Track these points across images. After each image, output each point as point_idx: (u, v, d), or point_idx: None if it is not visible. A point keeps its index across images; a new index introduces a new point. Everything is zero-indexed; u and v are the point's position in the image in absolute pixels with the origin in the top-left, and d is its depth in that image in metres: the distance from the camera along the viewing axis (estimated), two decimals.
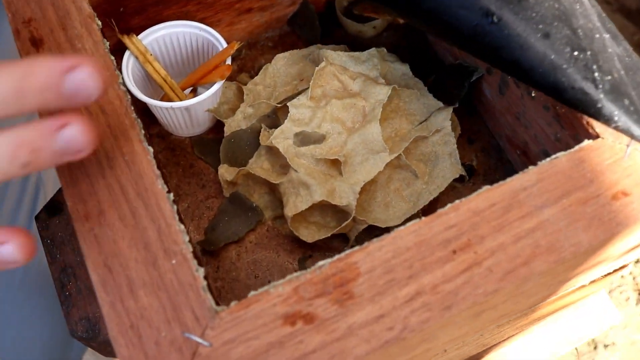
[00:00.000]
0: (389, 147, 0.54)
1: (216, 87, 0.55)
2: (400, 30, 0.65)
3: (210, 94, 0.54)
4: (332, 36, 0.65)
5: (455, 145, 0.55)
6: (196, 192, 0.58)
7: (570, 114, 0.48)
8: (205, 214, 0.57)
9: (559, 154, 0.44)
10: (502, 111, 0.57)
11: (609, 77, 0.45)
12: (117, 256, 0.42)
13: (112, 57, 0.49)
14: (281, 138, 0.54)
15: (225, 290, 0.54)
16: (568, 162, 0.44)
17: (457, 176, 0.55)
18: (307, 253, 0.55)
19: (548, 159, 0.44)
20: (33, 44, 0.50)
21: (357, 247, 0.41)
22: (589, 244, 0.42)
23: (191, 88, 0.58)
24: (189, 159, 0.59)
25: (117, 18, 0.56)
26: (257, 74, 0.62)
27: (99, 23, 0.50)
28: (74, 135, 0.36)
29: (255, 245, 0.55)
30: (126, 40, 0.55)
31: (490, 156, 0.59)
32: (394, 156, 0.53)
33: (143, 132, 0.46)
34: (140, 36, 0.56)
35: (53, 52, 0.49)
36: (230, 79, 0.63)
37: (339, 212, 0.54)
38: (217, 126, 0.60)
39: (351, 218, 0.52)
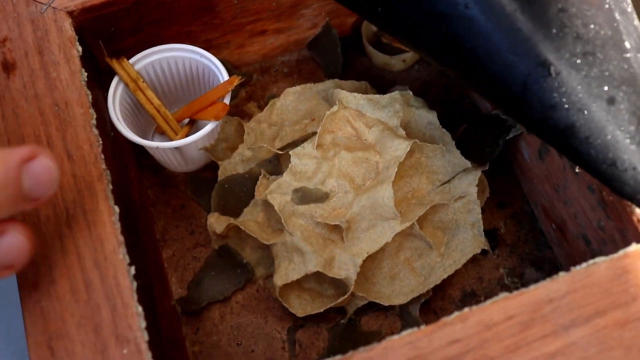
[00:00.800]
0: (403, 210, 0.47)
1: (209, 127, 0.48)
2: (434, 65, 0.57)
3: (202, 135, 0.47)
4: (356, 66, 0.58)
5: (480, 215, 0.47)
6: (184, 238, 0.51)
7: (618, 204, 0.40)
8: (191, 264, 0.50)
9: (597, 260, 0.37)
10: (541, 178, 0.48)
11: None
12: (63, 338, 0.36)
13: (88, 92, 0.43)
14: (278, 193, 0.47)
15: (203, 356, 0.48)
16: (608, 271, 0.36)
17: (479, 251, 0.47)
18: (299, 322, 0.48)
19: (584, 265, 0.37)
20: (4, 68, 0.44)
21: (338, 357, 0.35)
22: None
23: (188, 119, 0.52)
24: (181, 198, 0.53)
25: (108, 38, 0.50)
26: (266, 105, 0.55)
27: (79, 49, 0.44)
28: (9, 247, 0.32)
29: (242, 307, 0.49)
30: (115, 64, 0.49)
31: (521, 224, 0.51)
32: (405, 226, 0.45)
33: (111, 187, 0.40)
34: (132, 60, 0.50)
35: (24, 80, 0.43)
36: (237, 107, 0.56)
37: (339, 280, 0.47)
38: (215, 163, 0.53)
39: (349, 294, 0.45)
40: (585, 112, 0.37)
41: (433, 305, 0.48)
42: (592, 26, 0.38)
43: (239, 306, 0.49)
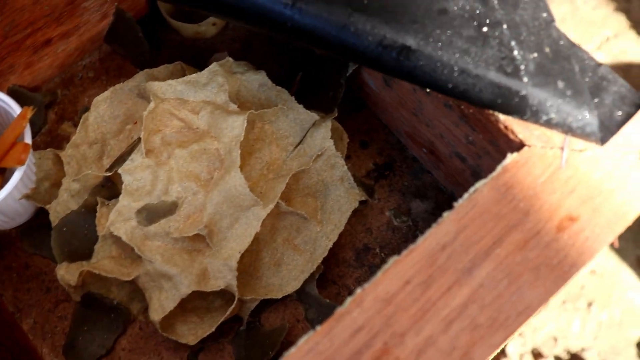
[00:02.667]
0: (263, 190, 0.42)
1: (18, 174, 0.41)
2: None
3: (12, 186, 0.40)
4: (166, 44, 0.51)
5: (346, 167, 0.43)
6: (40, 300, 0.44)
7: (480, 115, 0.36)
8: (59, 326, 0.44)
9: (477, 185, 0.33)
10: (395, 105, 0.44)
11: (535, 55, 0.33)
12: None
13: None
14: (120, 222, 0.41)
15: None
16: (492, 193, 0.33)
17: (357, 205, 0.43)
18: (196, 346, 0.43)
19: (465, 196, 0.33)
20: None
21: None
22: (540, 302, 0.32)
23: None
24: (22, 256, 0.46)
25: None
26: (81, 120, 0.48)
27: None
28: None
29: (130, 353, 0.43)
30: None
31: (392, 158, 0.47)
32: (270, 207, 0.40)
33: None
34: None
35: None
36: (50, 134, 0.49)
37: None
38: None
39: (236, 301, 0.40)
40: (417, 25, 0.33)
41: (329, 274, 0.44)
42: None
43: (126, 352, 0.43)
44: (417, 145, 0.45)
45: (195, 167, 0.41)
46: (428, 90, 0.39)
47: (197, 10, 0.49)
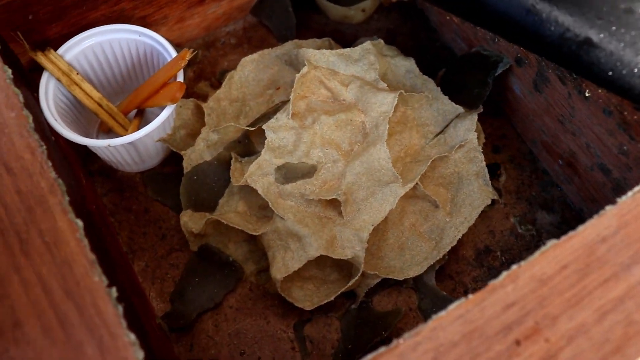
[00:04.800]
0: (400, 170, 0.42)
1: (165, 113, 0.41)
2: (394, 11, 0.52)
3: (158, 124, 0.41)
4: (310, 25, 0.52)
5: (484, 163, 0.43)
6: (155, 245, 0.45)
7: None
8: (170, 273, 0.44)
9: None
10: (538, 112, 0.44)
11: None
12: None
13: (17, 91, 0.35)
14: (258, 175, 0.41)
15: None
16: None
17: (489, 202, 0.43)
18: (305, 316, 0.43)
19: (630, 193, 0.32)
20: None
21: (382, 349, 0.29)
22: None
23: (136, 110, 0.45)
24: (143, 201, 0.46)
25: (27, 28, 0.42)
26: (219, 82, 0.49)
27: None
28: None
29: (237, 311, 0.43)
30: (41, 58, 0.42)
31: (522, 167, 0.47)
32: (409, 187, 0.40)
33: (67, 198, 0.33)
34: (60, 50, 0.43)
35: None
36: (187, 90, 0.49)
37: (342, 260, 0.41)
38: (175, 155, 0.46)
39: (360, 272, 0.40)
40: (602, 21, 0.33)
41: (447, 270, 0.44)
42: None
43: (233, 311, 0.43)
44: (553, 157, 0.45)
45: (339, 136, 0.42)
46: (587, 94, 0.39)
47: None
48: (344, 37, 0.51)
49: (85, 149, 0.45)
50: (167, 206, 0.46)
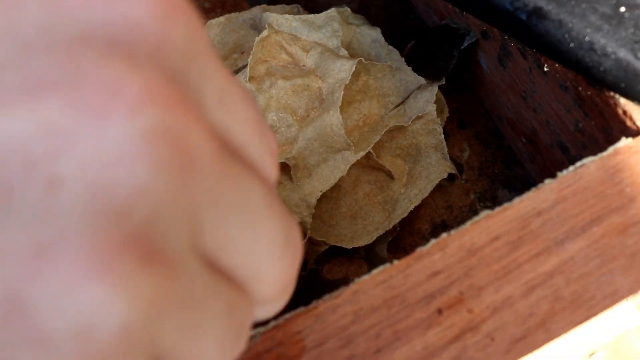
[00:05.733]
0: (356, 140, 0.41)
1: None
2: None
3: None
4: None
5: (443, 136, 0.42)
6: None
7: (599, 98, 0.35)
8: None
9: (585, 161, 0.32)
10: (503, 88, 0.43)
11: None
12: None
13: None
14: None
15: None
16: (599, 172, 0.32)
17: (445, 176, 0.42)
18: None
19: (571, 168, 0.32)
20: None
21: (301, 309, 0.29)
22: (630, 290, 0.30)
23: None
24: None
25: None
26: None
27: None
28: None
29: None
30: None
31: (487, 144, 0.46)
32: (361, 155, 0.40)
33: None
34: None
35: None
36: None
37: None
38: None
39: (306, 239, 0.39)
40: None
41: (401, 242, 0.43)
42: None
43: None
44: (516, 134, 0.44)
45: (295, 101, 0.41)
46: (546, 69, 0.38)
47: None
48: (317, 5, 0.50)
49: None
50: None
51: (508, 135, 0.45)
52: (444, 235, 0.30)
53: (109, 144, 0.13)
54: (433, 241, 0.30)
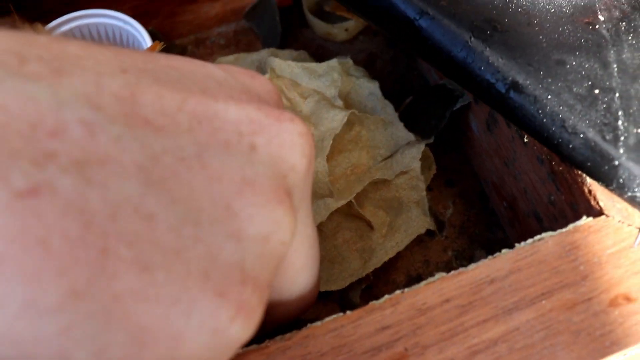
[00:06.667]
0: (342, 187, 0.43)
1: None
2: (380, 35, 0.53)
3: None
4: (297, 37, 0.53)
5: (425, 193, 0.43)
6: None
7: (568, 175, 0.36)
8: None
9: (544, 235, 0.33)
10: (490, 152, 0.45)
11: (638, 130, 0.33)
12: None
13: None
14: None
15: None
16: (556, 247, 0.33)
17: (423, 231, 0.43)
18: None
19: (529, 241, 0.33)
20: None
21: (253, 347, 0.31)
22: None
23: None
24: None
25: (22, 2, 0.45)
26: None
27: None
28: None
29: None
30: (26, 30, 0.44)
31: (471, 204, 0.47)
32: (342, 203, 0.41)
33: None
34: (48, 27, 0.45)
35: None
36: None
37: None
38: None
39: None
40: (520, 71, 0.33)
41: (376, 291, 0.45)
42: None
43: None
44: (499, 198, 0.45)
45: None
46: (526, 140, 0.40)
47: (336, 13, 0.52)
48: (327, 52, 0.53)
49: None
50: None
51: (492, 198, 0.47)
52: (397, 292, 0.31)
53: (287, 138, 0.22)
54: (387, 296, 0.31)
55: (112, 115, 0.19)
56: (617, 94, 0.34)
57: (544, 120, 0.33)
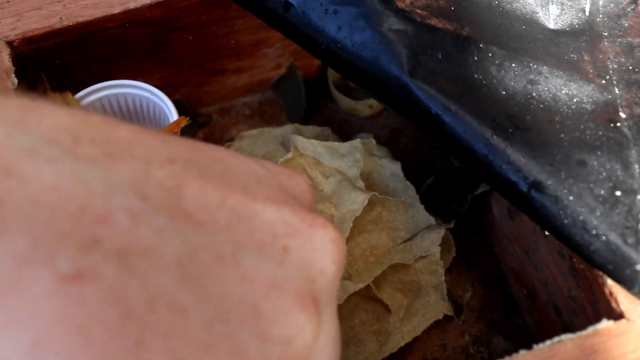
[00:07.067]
0: (360, 269, 0.43)
1: None
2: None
3: None
4: (321, 110, 0.54)
5: (443, 277, 0.43)
6: None
7: (589, 273, 0.36)
8: None
9: (563, 337, 0.32)
10: (511, 239, 0.45)
11: None
12: None
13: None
14: None
15: None
16: (575, 350, 0.32)
17: (441, 317, 0.43)
18: None
19: (548, 343, 0.32)
20: None
21: None
22: None
23: None
24: None
25: (53, 71, 0.46)
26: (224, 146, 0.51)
27: (15, 82, 0.41)
28: None
29: None
30: (58, 99, 0.45)
31: (491, 288, 0.47)
32: (360, 287, 0.41)
33: None
34: (77, 95, 0.46)
35: None
36: None
37: None
38: None
39: None
40: (553, 168, 0.33)
41: None
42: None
43: None
44: (519, 285, 0.45)
45: None
46: (547, 233, 0.40)
47: (361, 90, 0.53)
48: (350, 127, 0.53)
49: None
50: None
51: (512, 284, 0.46)
52: None
53: (318, 243, 0.23)
54: None
55: (157, 205, 0.19)
56: (638, 197, 0.34)
57: (565, 221, 0.33)
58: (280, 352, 0.21)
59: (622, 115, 0.37)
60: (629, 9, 0.41)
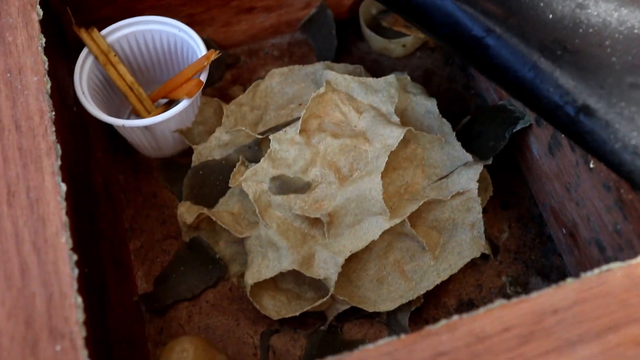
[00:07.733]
0: (395, 205, 0.42)
1: (182, 106, 0.43)
2: (437, 51, 0.52)
3: (173, 114, 0.43)
4: (352, 51, 0.53)
5: (481, 215, 0.42)
6: (154, 228, 0.46)
7: (639, 204, 0.35)
8: (160, 258, 0.45)
9: (612, 266, 0.31)
10: (550, 176, 0.43)
11: None
12: None
13: (45, 58, 0.38)
14: (253, 181, 0.42)
15: None
16: (625, 279, 0.31)
17: (478, 255, 0.42)
18: (274, 326, 0.43)
19: (596, 271, 0.31)
20: None
21: None
22: None
23: (166, 100, 0.47)
24: (153, 185, 0.48)
25: (79, 6, 0.45)
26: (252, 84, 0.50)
27: (40, 13, 0.40)
28: None
29: (212, 307, 0.44)
30: (83, 34, 0.44)
31: (527, 229, 0.46)
32: (395, 222, 0.40)
33: (59, 162, 0.35)
34: (103, 32, 0.45)
35: None
36: (221, 90, 0.51)
37: (320, 281, 0.42)
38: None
39: (329, 295, 0.40)
40: (604, 91, 0.32)
41: (425, 314, 0.43)
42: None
43: (208, 306, 0.44)
44: (558, 224, 0.44)
45: (340, 159, 0.42)
46: (592, 165, 0.38)
47: (393, 29, 0.51)
48: (382, 68, 0.52)
49: (111, 126, 0.47)
50: (174, 194, 0.47)
51: (550, 223, 0.45)
52: (455, 317, 0.30)
53: None
54: (444, 321, 0.30)
55: None
56: None
57: (616, 145, 0.32)
58: None
59: None
60: None
